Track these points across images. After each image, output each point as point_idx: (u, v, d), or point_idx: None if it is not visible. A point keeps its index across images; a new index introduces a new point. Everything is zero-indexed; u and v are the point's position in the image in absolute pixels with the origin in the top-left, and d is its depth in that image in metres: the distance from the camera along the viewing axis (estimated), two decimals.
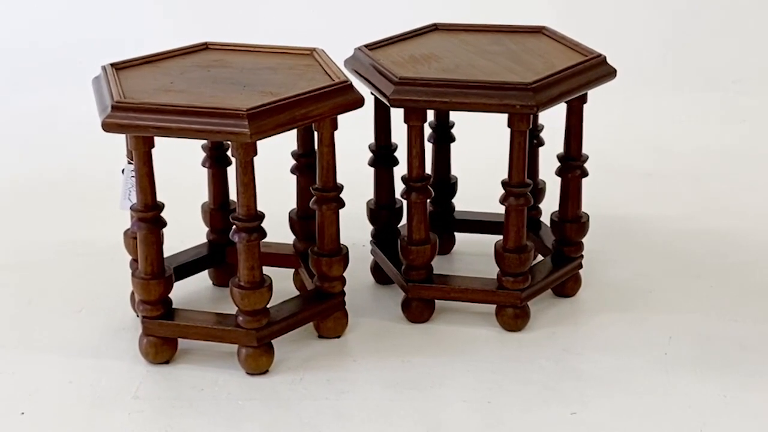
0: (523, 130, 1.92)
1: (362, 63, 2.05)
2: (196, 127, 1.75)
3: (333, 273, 1.98)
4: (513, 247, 2.00)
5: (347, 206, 1.99)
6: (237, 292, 1.87)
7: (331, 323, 2.02)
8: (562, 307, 2.15)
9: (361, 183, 2.36)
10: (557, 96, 1.90)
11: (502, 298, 2.04)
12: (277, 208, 2.27)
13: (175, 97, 1.83)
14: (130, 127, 1.78)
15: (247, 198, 1.82)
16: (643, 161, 2.86)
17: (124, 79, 1.92)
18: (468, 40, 2.15)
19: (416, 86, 1.90)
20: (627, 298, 2.18)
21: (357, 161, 2.33)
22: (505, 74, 1.94)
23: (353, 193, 2.21)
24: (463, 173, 2.39)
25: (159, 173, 1.91)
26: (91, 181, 2.74)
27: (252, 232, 1.84)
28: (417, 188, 1.99)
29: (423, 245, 2.02)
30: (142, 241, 1.89)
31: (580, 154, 2.09)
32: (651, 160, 2.87)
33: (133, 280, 1.91)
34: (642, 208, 2.60)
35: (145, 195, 1.86)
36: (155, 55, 2.04)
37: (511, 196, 1.97)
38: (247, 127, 1.73)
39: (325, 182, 1.93)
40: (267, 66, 2.00)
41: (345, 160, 2.10)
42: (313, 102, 1.82)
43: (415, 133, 1.96)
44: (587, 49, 2.06)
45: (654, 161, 2.86)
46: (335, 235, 1.97)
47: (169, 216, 1.95)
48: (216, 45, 2.11)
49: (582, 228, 2.12)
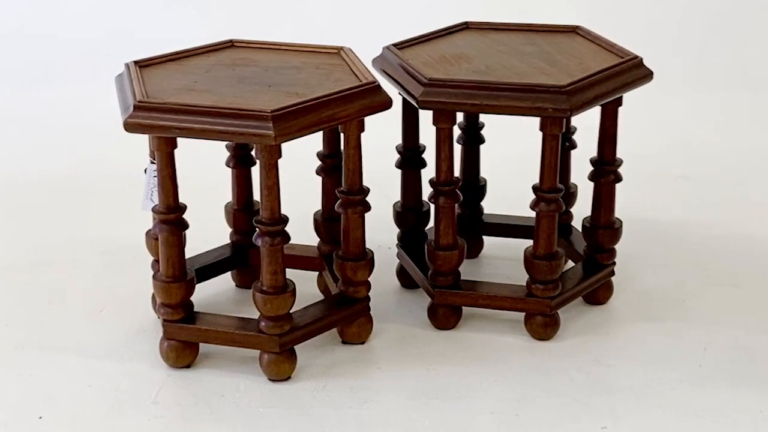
0: (555, 134, 1.86)
1: (390, 63, 2.00)
2: (220, 129, 1.71)
3: (358, 278, 1.93)
4: (543, 253, 1.94)
5: (373, 208, 1.94)
6: (259, 296, 1.82)
7: (355, 329, 1.97)
8: (593, 315, 2.09)
9: (388, 184, 2.32)
10: (592, 99, 1.85)
11: (532, 306, 1.98)
12: (301, 209, 2.23)
13: (199, 96, 1.79)
14: (153, 128, 1.73)
15: (271, 201, 1.78)
16: (678, 163, 2.79)
17: (147, 78, 1.88)
18: (500, 40, 2.10)
19: (446, 88, 1.85)
20: (660, 307, 2.11)
21: (384, 161, 2.28)
22: (538, 76, 1.89)
23: (380, 194, 2.17)
24: (492, 175, 2.34)
25: (182, 172, 1.87)
26: (115, 177, 2.70)
27: (275, 236, 1.80)
28: (445, 192, 1.94)
29: (450, 250, 1.97)
30: (163, 243, 1.84)
31: (614, 158, 2.03)
32: (685, 163, 2.80)
33: (154, 282, 1.87)
34: (676, 212, 2.53)
35: (167, 196, 1.82)
36: (180, 53, 2.00)
37: (542, 202, 1.91)
38: (272, 129, 1.68)
39: (351, 185, 1.88)
40: (293, 65, 1.95)
41: (372, 160, 2.05)
42: (340, 103, 1.77)
43: (443, 136, 1.91)
44: (623, 50, 2.00)
45: (689, 163, 2.79)
46: (360, 239, 1.92)
47: (192, 216, 1.91)
48: (242, 42, 2.06)
49: (615, 235, 2.06)
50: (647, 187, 2.63)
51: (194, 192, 2.22)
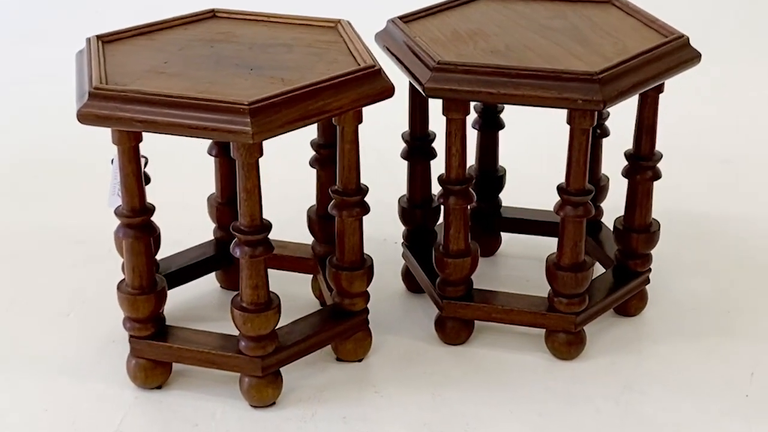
0: (585, 128, 1.59)
1: (395, 40, 1.73)
2: (189, 123, 1.45)
3: (354, 289, 1.68)
4: (568, 264, 1.68)
5: (378, 193, 1.68)
6: (239, 314, 1.57)
7: (351, 345, 1.73)
8: (623, 329, 1.83)
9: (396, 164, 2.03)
10: (629, 88, 1.57)
11: (554, 322, 1.73)
12: (297, 200, 1.98)
13: (167, 82, 1.53)
14: (110, 120, 1.48)
15: (251, 206, 1.52)
16: (719, 145, 2.51)
17: (110, 56, 1.62)
18: (523, 12, 1.82)
19: (457, 73, 1.58)
20: (700, 320, 1.85)
21: (391, 137, 2.00)
22: (567, 59, 1.61)
23: (384, 179, 1.90)
24: (512, 164, 2.07)
25: (163, 155, 1.60)
26: (87, 157, 2.42)
27: (256, 245, 1.54)
28: (456, 192, 1.68)
29: (462, 258, 1.71)
30: (128, 250, 1.60)
31: (652, 152, 1.76)
32: (728, 145, 2.51)
33: (119, 294, 1.63)
34: (717, 203, 2.25)
35: (131, 197, 1.57)
36: (152, 25, 1.73)
37: (569, 205, 1.65)
38: (249, 124, 1.42)
39: (346, 184, 1.62)
40: (281, 42, 1.68)
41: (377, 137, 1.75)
42: (332, 92, 1.51)
43: (455, 128, 1.64)
44: (666, 26, 1.72)
45: (732, 146, 2.51)
46: (358, 245, 1.67)
47: (174, 206, 1.64)
48: (224, 13, 1.79)
49: (651, 239, 1.80)
50: (682, 174, 2.34)
51: (177, 180, 1.97)
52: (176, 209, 2.16)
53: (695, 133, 2.55)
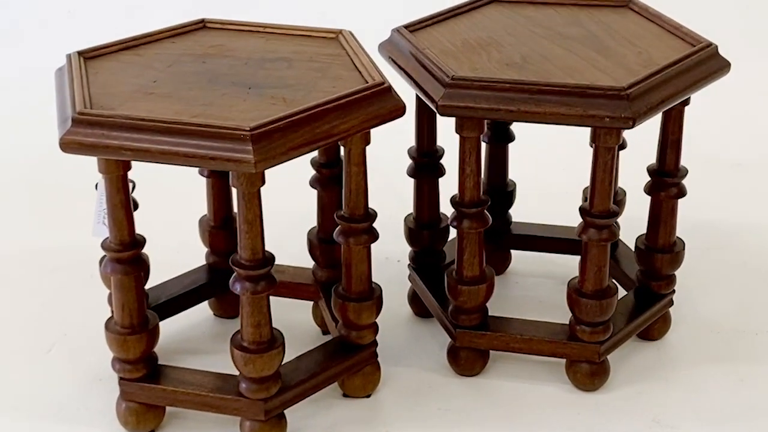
0: (611, 146, 1.47)
1: (401, 50, 1.60)
2: (185, 151, 1.32)
3: (362, 321, 1.56)
4: (592, 290, 1.57)
5: (379, 207, 1.56)
6: (239, 355, 1.45)
7: (359, 380, 1.61)
8: (647, 354, 1.72)
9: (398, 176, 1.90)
10: (659, 103, 1.45)
11: (576, 352, 1.61)
12: (292, 220, 1.85)
13: (158, 104, 1.40)
14: (97, 149, 1.34)
15: (252, 238, 1.39)
16: (732, 147, 2.39)
17: (94, 75, 1.48)
18: (535, 18, 1.70)
19: (473, 89, 1.45)
20: (727, 342, 1.74)
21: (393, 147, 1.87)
22: (589, 72, 1.49)
23: (389, 192, 1.77)
24: (523, 178, 1.95)
25: (149, 169, 1.47)
26: (73, 171, 2.27)
27: (258, 281, 1.42)
28: (471, 215, 1.56)
29: (477, 285, 1.59)
30: (117, 286, 1.46)
31: (677, 168, 1.64)
32: (742, 147, 2.39)
33: (107, 333, 1.50)
34: (733, 210, 2.14)
35: (120, 230, 1.44)
36: (138, 39, 1.60)
37: (592, 228, 1.53)
38: (251, 152, 1.30)
39: (353, 209, 1.50)
40: (279, 56, 1.55)
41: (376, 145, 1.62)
42: (340, 114, 1.38)
43: (469, 147, 1.52)
44: (692, 34, 1.60)
45: (746, 148, 2.39)
46: (366, 274, 1.54)
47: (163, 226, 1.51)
48: (216, 23, 1.66)
49: (676, 259, 1.68)
50: (693, 179, 2.20)
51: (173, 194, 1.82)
52: (165, 229, 2.04)
53: (702, 135, 2.44)
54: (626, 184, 1.88)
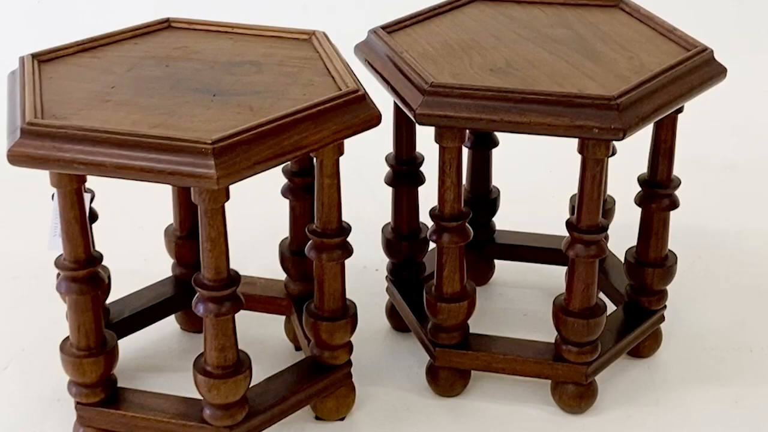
0: (600, 158, 1.39)
1: (378, 53, 1.50)
2: (141, 165, 1.22)
3: (335, 341, 1.47)
4: (579, 309, 1.48)
5: (356, 211, 1.47)
6: (203, 380, 1.36)
7: (332, 403, 1.52)
8: (637, 373, 1.63)
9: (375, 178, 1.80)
10: (651, 113, 1.36)
11: (562, 373, 1.52)
12: (262, 229, 1.75)
13: (115, 113, 1.30)
14: (48, 162, 1.25)
15: (216, 257, 1.30)
16: (724, 149, 2.31)
17: (48, 80, 1.39)
18: (520, 18, 1.60)
19: (453, 97, 1.36)
20: (720, 360, 1.66)
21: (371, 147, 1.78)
22: (577, 78, 1.40)
23: (368, 196, 1.68)
24: (507, 185, 1.86)
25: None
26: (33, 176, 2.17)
27: (223, 302, 1.32)
28: (451, 229, 1.47)
29: (457, 302, 1.51)
30: (72, 307, 1.37)
31: (670, 178, 1.55)
32: (734, 149, 2.31)
33: (62, 356, 1.40)
34: (725, 215, 2.06)
35: (74, 247, 1.34)
36: (96, 39, 1.50)
37: (579, 244, 1.44)
38: (213, 167, 1.20)
39: (325, 223, 1.41)
40: (248, 59, 1.45)
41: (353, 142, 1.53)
42: (310, 124, 1.29)
43: (450, 157, 1.42)
44: (686, 37, 1.51)
45: (737, 149, 2.31)
46: (339, 291, 1.45)
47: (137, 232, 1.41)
48: (181, 23, 1.56)
49: (667, 274, 1.60)
50: (685, 183, 2.13)
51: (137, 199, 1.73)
52: (134, 237, 1.95)
53: (692, 136, 2.35)
54: (616, 189, 1.79)
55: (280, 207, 1.66)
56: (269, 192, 1.85)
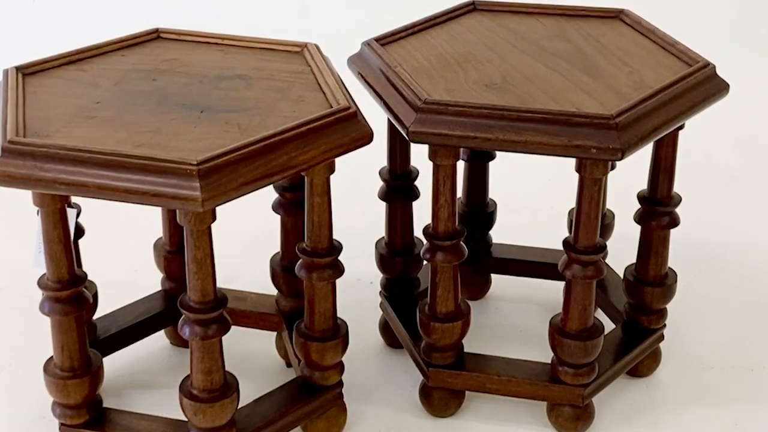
0: (598, 177, 1.35)
1: (371, 67, 1.47)
2: (125, 186, 1.19)
3: (326, 362, 1.44)
4: (576, 330, 1.44)
5: (350, 225, 1.43)
6: (189, 404, 1.32)
7: (322, 424, 1.48)
8: (635, 393, 1.60)
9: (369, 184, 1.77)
10: (651, 132, 1.33)
11: (558, 395, 1.49)
12: (260, 238, 1.72)
13: (99, 130, 1.26)
14: (30, 181, 1.21)
15: (202, 279, 1.27)
16: (726, 158, 2.27)
17: (32, 94, 1.35)
18: (517, 30, 1.56)
19: (448, 114, 1.32)
20: (720, 381, 1.62)
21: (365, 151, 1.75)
22: (575, 95, 1.36)
23: (363, 206, 1.64)
24: (504, 198, 1.82)
25: None
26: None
27: (209, 324, 1.29)
28: (445, 248, 1.43)
29: (451, 322, 1.47)
30: (56, 327, 1.34)
31: (670, 195, 1.52)
32: (737, 158, 2.27)
33: (46, 377, 1.37)
34: (729, 226, 2.02)
35: (58, 267, 1.31)
36: (83, 51, 1.46)
37: (576, 265, 1.41)
38: (198, 189, 1.17)
39: (315, 242, 1.37)
40: (238, 72, 1.42)
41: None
42: (299, 143, 1.25)
43: (443, 175, 1.39)
44: (687, 51, 1.47)
45: (740, 158, 2.27)
46: (330, 311, 1.42)
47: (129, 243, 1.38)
48: (171, 33, 1.53)
49: (667, 293, 1.56)
50: (685, 192, 2.10)
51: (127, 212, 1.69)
52: (126, 249, 1.91)
53: (693, 145, 2.31)
54: (615, 200, 1.76)
55: (274, 217, 1.63)
56: (262, 200, 1.81)
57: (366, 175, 1.90)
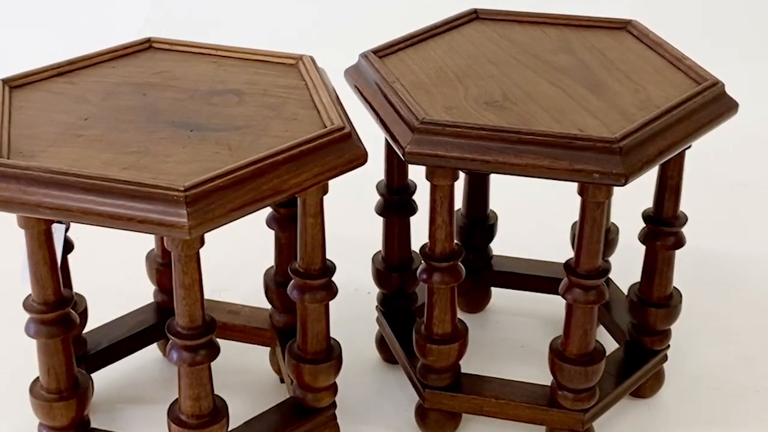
0: (600, 201, 1.31)
1: (368, 80, 1.42)
2: (110, 212, 1.15)
3: (319, 384, 1.40)
4: (576, 355, 1.40)
5: (348, 234, 1.39)
6: (177, 431, 1.29)
7: None
8: (638, 415, 1.56)
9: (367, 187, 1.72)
10: (656, 156, 1.28)
11: (557, 419, 1.45)
12: (256, 249, 1.68)
13: (85, 150, 1.22)
14: (13, 205, 1.17)
15: (190, 304, 1.23)
16: (733, 165, 2.22)
17: (18, 109, 1.31)
18: (520, 41, 1.52)
19: (445, 135, 1.28)
20: (725, 402, 1.58)
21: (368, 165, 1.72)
22: (578, 115, 1.32)
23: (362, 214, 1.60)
24: (505, 209, 1.78)
25: None
26: None
27: (197, 350, 1.25)
28: (442, 269, 1.39)
29: (448, 344, 1.43)
30: (42, 350, 1.30)
31: (676, 215, 1.47)
32: (744, 165, 2.22)
33: (32, 399, 1.34)
34: (735, 237, 1.98)
35: (43, 289, 1.27)
36: (74, 62, 1.42)
37: (577, 289, 1.37)
38: (185, 216, 1.13)
39: (309, 264, 1.33)
40: (230, 87, 1.38)
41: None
42: (290, 167, 1.21)
43: (441, 195, 1.35)
44: (695, 68, 1.42)
45: (749, 166, 2.22)
46: (323, 333, 1.38)
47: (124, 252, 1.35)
48: (163, 43, 1.48)
49: (671, 314, 1.52)
50: (691, 200, 2.04)
51: None
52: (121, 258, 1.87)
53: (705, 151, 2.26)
54: (618, 213, 1.71)
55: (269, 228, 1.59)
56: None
57: (365, 181, 1.86)
